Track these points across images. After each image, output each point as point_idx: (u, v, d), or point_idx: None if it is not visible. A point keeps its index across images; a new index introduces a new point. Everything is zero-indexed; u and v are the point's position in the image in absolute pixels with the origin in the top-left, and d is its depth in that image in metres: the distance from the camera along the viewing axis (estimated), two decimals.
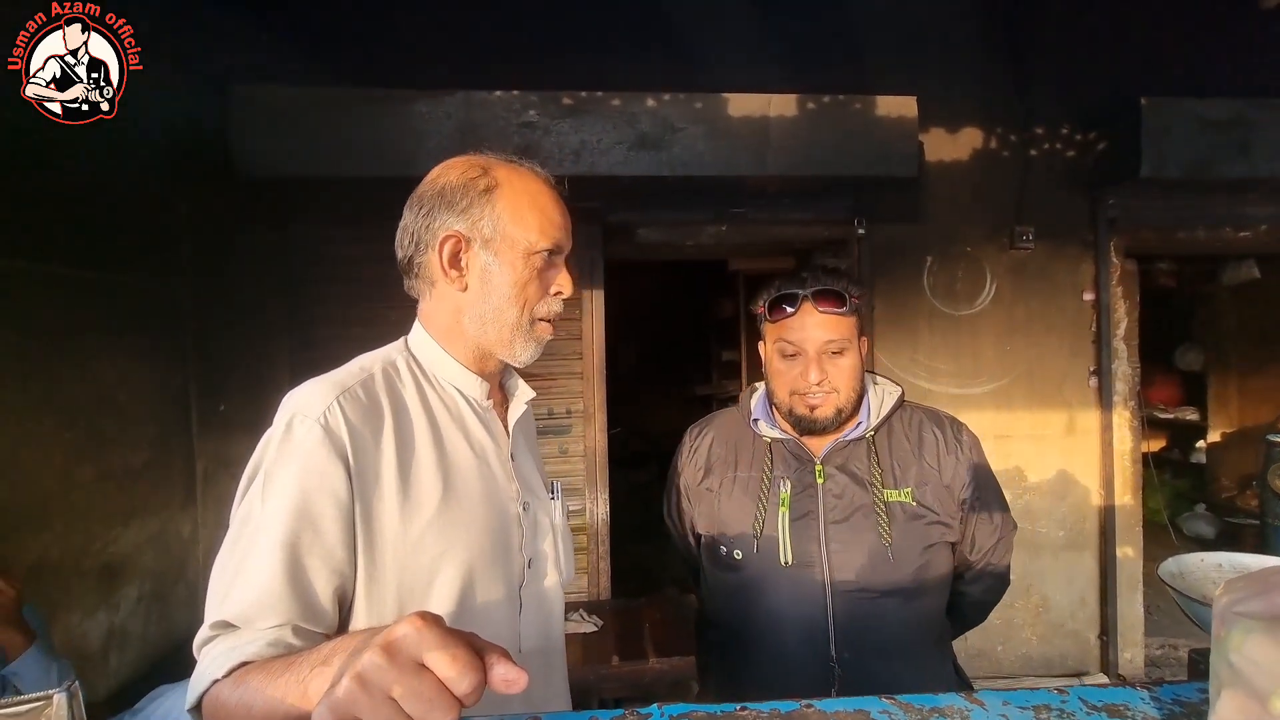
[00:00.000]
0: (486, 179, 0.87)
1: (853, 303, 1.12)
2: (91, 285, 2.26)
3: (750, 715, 0.50)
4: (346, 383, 0.79)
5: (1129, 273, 3.19)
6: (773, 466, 1.18)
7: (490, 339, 0.87)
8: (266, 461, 0.74)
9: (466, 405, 0.88)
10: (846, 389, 1.13)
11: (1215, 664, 0.40)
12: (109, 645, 2.31)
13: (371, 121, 2.51)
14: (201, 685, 0.64)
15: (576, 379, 3.01)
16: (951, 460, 1.18)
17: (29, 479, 2.00)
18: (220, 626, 0.68)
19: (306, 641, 0.67)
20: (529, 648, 0.88)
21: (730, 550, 1.17)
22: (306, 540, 0.71)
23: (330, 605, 0.72)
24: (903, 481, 1.15)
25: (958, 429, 1.22)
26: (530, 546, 0.90)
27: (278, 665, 0.59)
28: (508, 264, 0.85)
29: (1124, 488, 3.14)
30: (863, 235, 3.03)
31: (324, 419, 0.74)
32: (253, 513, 0.73)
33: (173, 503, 2.67)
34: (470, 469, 0.85)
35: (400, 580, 0.77)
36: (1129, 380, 3.15)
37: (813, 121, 2.68)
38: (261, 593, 0.68)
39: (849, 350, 1.13)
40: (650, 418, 5.96)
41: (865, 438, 1.18)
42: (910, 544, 1.12)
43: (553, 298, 0.89)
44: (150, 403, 2.56)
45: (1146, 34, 2.96)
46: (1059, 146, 3.14)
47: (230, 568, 0.71)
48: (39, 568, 1.61)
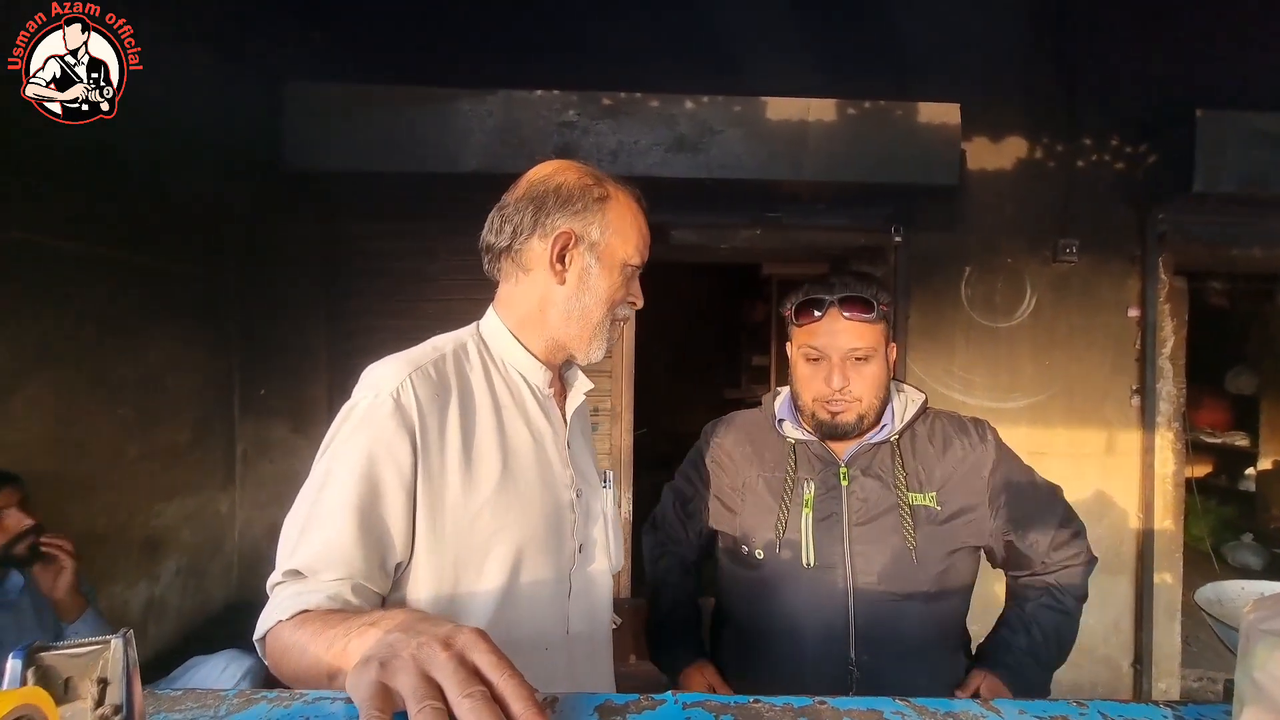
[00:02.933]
0: (601, 189, 0.91)
1: (880, 310, 1.12)
2: (144, 270, 2.36)
3: (764, 708, 0.51)
4: (420, 361, 0.84)
5: (1178, 290, 3.08)
6: (796, 468, 1.18)
7: (572, 334, 0.92)
8: (343, 429, 0.80)
9: (529, 391, 0.93)
10: (870, 396, 1.13)
11: (1239, 681, 0.40)
12: (148, 615, 2.40)
13: (415, 118, 2.57)
14: (268, 623, 0.70)
15: (605, 377, 3.03)
16: (975, 460, 1.16)
17: (80, 454, 2.10)
18: (291, 575, 0.74)
19: (362, 600, 0.74)
20: (576, 630, 0.91)
21: (751, 550, 1.17)
22: (370, 504, 0.76)
23: (388, 567, 0.78)
24: (927, 485, 1.14)
25: (981, 429, 1.21)
26: (581, 532, 0.94)
27: (333, 619, 0.63)
28: (606, 270, 0.91)
29: (1165, 512, 3.03)
30: (899, 243, 2.99)
31: (397, 394, 0.79)
32: (326, 474, 0.78)
33: (212, 482, 2.77)
34: (528, 452, 0.89)
35: (458, 552, 0.81)
36: (1174, 401, 3.05)
37: (852, 127, 2.65)
38: (328, 547, 0.74)
39: (874, 358, 1.12)
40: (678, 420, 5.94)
41: (889, 441, 1.17)
42: (933, 547, 1.11)
43: (627, 305, 0.96)
44: (195, 385, 2.66)
45: (1200, 44, 2.86)
46: (1107, 158, 3.05)
47: (300, 522, 0.77)
48: (86, 539, 1.69)
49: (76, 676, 0.37)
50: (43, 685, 0.35)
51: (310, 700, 0.51)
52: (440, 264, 2.91)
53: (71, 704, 0.37)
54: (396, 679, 0.44)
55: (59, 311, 2.00)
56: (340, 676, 0.56)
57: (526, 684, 0.45)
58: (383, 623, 0.55)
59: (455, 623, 0.51)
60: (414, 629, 0.50)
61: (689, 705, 0.50)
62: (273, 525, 2.84)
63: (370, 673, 0.45)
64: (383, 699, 0.43)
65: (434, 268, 2.92)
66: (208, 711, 0.50)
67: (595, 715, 0.49)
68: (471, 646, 0.47)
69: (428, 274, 2.93)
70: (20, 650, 0.36)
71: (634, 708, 0.50)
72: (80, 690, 0.37)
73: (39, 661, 0.36)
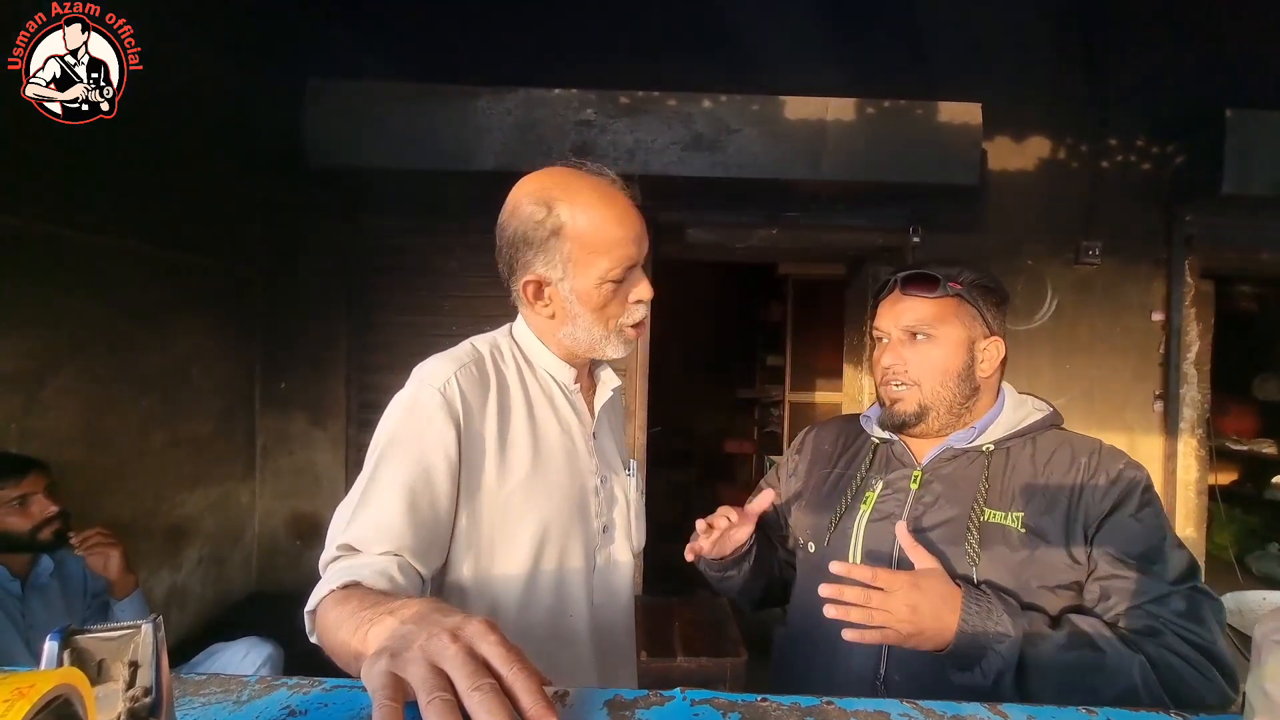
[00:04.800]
0: (551, 219, 0.90)
1: (950, 287, 1.00)
2: (172, 265, 2.41)
3: (771, 706, 0.51)
4: (463, 360, 0.93)
5: (1204, 294, 3.03)
6: (871, 466, 1.11)
7: (582, 346, 0.98)
8: (396, 419, 0.87)
9: (557, 388, 1.01)
10: (932, 383, 1.01)
11: (1251, 692, 0.39)
12: (170, 602, 2.46)
13: (435, 116, 2.59)
14: (319, 595, 0.73)
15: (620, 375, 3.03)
16: (1091, 491, 0.94)
17: (108, 442, 2.15)
18: (345, 549, 0.79)
19: (407, 580, 0.78)
20: (599, 601, 1.00)
21: (806, 541, 1.13)
22: (420, 486, 0.83)
23: (435, 546, 0.85)
24: (1015, 504, 0.96)
25: (1114, 457, 0.98)
26: (605, 515, 1.03)
27: (369, 599, 0.66)
28: (584, 296, 0.93)
29: (1187, 520, 2.98)
30: (918, 244, 2.97)
31: (444, 389, 0.88)
32: (380, 460, 0.85)
33: (234, 473, 2.83)
34: (557, 443, 0.97)
35: (493, 531, 0.90)
36: (1198, 407, 2.99)
37: (871, 126, 2.63)
38: (381, 522, 0.80)
39: (938, 339, 1.01)
40: (693, 418, 5.95)
41: (982, 450, 1.01)
42: (1005, 574, 0.92)
43: (634, 306, 0.97)
44: (219, 377, 2.72)
45: (1230, 43, 2.80)
46: (1133, 159, 3.00)
47: (355, 501, 0.83)
48: (112, 525, 1.74)
49: (109, 659, 0.39)
50: (78, 666, 0.37)
51: (329, 688, 0.53)
52: (458, 260, 2.94)
53: (104, 685, 0.38)
54: (407, 670, 0.45)
55: (89, 304, 2.05)
56: (359, 660, 0.57)
57: (537, 676, 0.45)
58: (399, 612, 0.56)
59: (465, 613, 0.52)
60: (425, 620, 0.51)
61: (697, 702, 0.51)
62: (291, 516, 2.92)
63: (382, 663, 0.46)
64: (394, 689, 0.44)
65: (452, 264, 2.95)
66: (230, 696, 0.51)
67: (605, 710, 0.50)
68: (480, 637, 0.47)
69: (446, 270, 2.96)
70: (57, 633, 0.37)
71: (643, 703, 0.51)
72: (113, 672, 0.39)
73: (75, 644, 0.38)
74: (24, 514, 1.54)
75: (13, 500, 1.53)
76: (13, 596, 1.54)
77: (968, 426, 1.04)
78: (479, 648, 0.47)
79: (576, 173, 0.94)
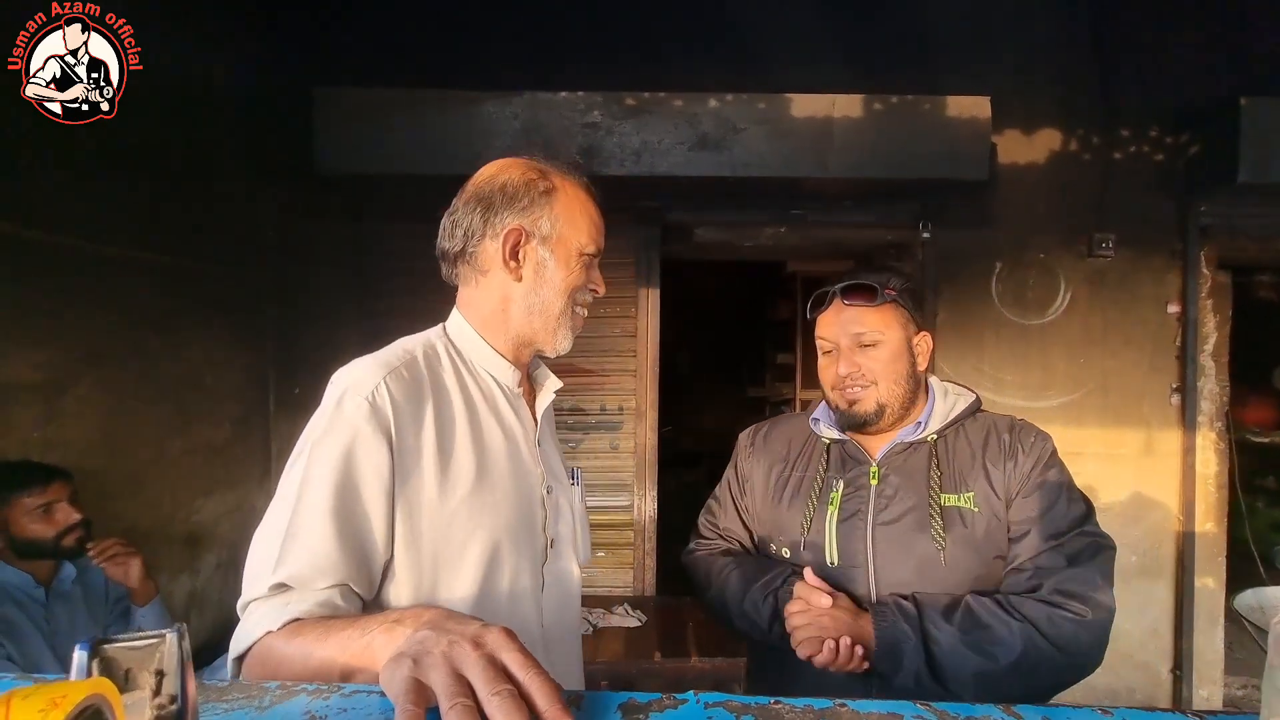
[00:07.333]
0: (546, 182, 0.92)
1: (886, 294, 1.11)
2: (185, 272, 2.44)
3: (784, 709, 0.52)
4: (393, 363, 0.85)
5: (1220, 284, 2.99)
6: (828, 467, 1.17)
7: (535, 328, 0.93)
8: (317, 434, 0.80)
9: (499, 390, 0.94)
10: (886, 380, 1.11)
11: (1266, 689, 0.39)
12: (190, 607, 2.49)
13: (442, 121, 2.61)
14: (254, 636, 0.69)
15: (630, 376, 3.04)
16: (1011, 464, 1.08)
17: (125, 450, 2.18)
18: (277, 589, 0.72)
19: (350, 605, 0.74)
20: (550, 621, 0.93)
21: (779, 548, 1.18)
22: (351, 509, 0.75)
23: (373, 570, 0.78)
24: (963, 486, 1.08)
25: (1026, 431, 1.12)
26: (552, 528, 0.96)
27: (334, 624, 0.64)
28: (561, 261, 0.91)
29: (1206, 514, 2.95)
30: (927, 239, 2.95)
31: (372, 397, 0.79)
32: (303, 482, 0.76)
33: (250, 478, 2.86)
34: (501, 451, 0.90)
35: (436, 550, 0.81)
36: (1216, 399, 2.95)
37: (878, 122, 2.62)
38: (316, 556, 0.73)
39: (885, 344, 1.11)
40: (702, 418, 5.94)
41: (928, 441, 1.12)
42: (967, 551, 1.05)
43: (590, 293, 0.97)
44: (233, 384, 2.75)
45: (1244, 28, 2.76)
46: (1146, 149, 2.96)
47: (280, 532, 0.74)
48: (131, 533, 1.76)
49: (135, 668, 0.40)
50: (106, 676, 0.38)
51: (348, 694, 0.53)
52: None
53: (132, 694, 0.39)
54: (429, 675, 0.46)
55: (106, 313, 2.08)
56: (357, 676, 0.58)
57: (552, 682, 0.47)
58: (409, 621, 0.57)
59: (482, 621, 0.53)
60: (443, 627, 0.52)
61: (711, 705, 0.51)
62: None
63: (404, 669, 0.47)
64: (417, 694, 0.45)
65: None
66: (252, 702, 0.52)
67: (619, 713, 0.51)
68: (501, 646, 0.49)
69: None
70: (85, 643, 0.38)
71: (656, 706, 0.51)
72: (139, 681, 0.40)
73: (102, 653, 0.39)
74: (48, 521, 1.56)
75: (38, 508, 1.55)
76: (37, 603, 1.56)
77: (914, 421, 1.15)
78: (500, 656, 0.48)
79: None
